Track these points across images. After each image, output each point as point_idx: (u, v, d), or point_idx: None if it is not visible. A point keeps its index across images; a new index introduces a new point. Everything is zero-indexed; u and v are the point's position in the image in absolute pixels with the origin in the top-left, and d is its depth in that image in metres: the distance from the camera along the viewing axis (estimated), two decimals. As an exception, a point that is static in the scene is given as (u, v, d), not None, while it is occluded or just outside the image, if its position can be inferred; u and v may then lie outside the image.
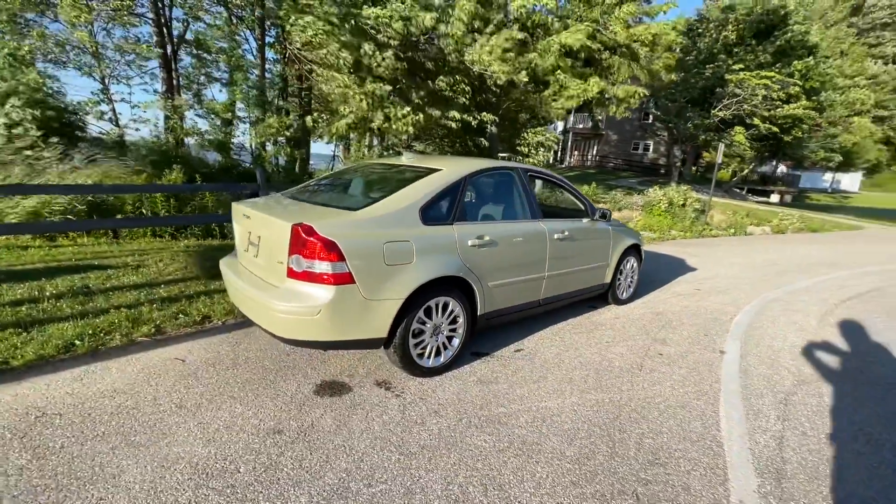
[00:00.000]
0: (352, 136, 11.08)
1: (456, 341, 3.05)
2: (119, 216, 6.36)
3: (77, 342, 3.02)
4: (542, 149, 14.20)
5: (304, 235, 2.41)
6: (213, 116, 12.47)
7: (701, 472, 2.18)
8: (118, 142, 9.99)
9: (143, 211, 6.68)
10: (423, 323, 2.82)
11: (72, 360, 2.86)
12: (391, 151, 13.77)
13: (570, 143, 36.13)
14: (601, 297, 4.63)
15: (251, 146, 12.02)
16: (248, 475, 1.97)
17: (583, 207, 4.21)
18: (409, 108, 10.89)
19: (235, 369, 2.90)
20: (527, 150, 14.00)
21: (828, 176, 43.29)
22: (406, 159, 3.51)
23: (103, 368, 2.80)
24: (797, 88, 22.08)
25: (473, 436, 2.36)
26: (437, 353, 2.96)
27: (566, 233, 3.75)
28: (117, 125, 11.01)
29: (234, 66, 11.54)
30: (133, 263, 4.90)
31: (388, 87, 10.70)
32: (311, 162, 13.73)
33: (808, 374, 3.39)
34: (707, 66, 22.63)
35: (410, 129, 10.78)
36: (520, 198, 3.53)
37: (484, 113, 12.54)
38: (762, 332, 4.25)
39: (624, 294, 4.78)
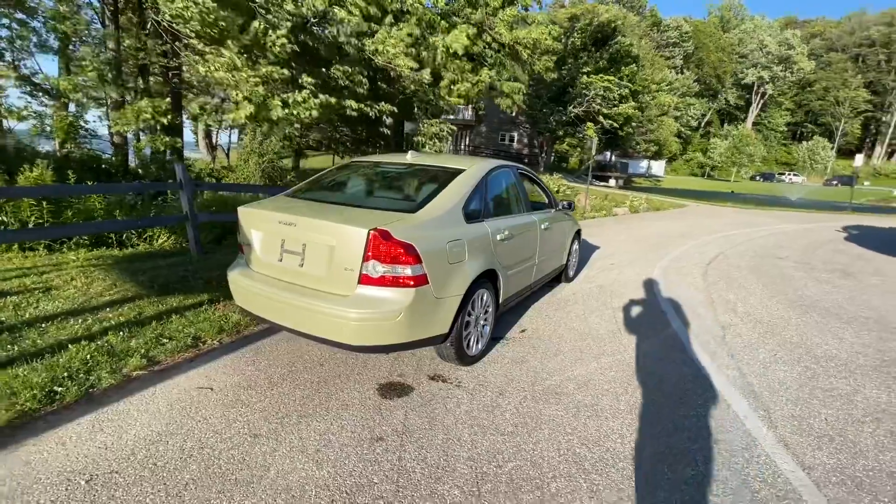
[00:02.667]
0: (247, 124, 9.97)
1: (487, 329, 3.29)
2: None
3: (58, 389, 2.45)
4: (437, 140, 14.68)
5: (382, 240, 2.39)
6: (41, 96, 10.02)
7: (707, 397, 2.86)
8: None
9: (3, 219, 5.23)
10: (469, 314, 3.01)
11: (67, 411, 2.33)
12: (291, 142, 12.78)
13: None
14: (557, 277, 5.28)
15: (110, 134, 9.97)
16: (387, 484, 1.99)
17: (548, 200, 4.76)
18: (307, 92, 10.28)
19: (280, 388, 2.70)
20: (423, 140, 14.35)
21: (644, 163, 53.16)
22: (412, 157, 3.55)
23: (120, 412, 2.36)
24: (627, 91, 26.64)
25: (546, 408, 2.67)
26: (476, 342, 3.17)
27: (547, 223, 4.24)
28: None
29: (64, 33, 9.28)
30: (33, 286, 3.92)
31: (287, 72, 9.93)
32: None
33: (706, 301, 4.49)
34: (562, 67, 25.75)
35: (314, 112, 10.19)
36: (518, 193, 3.88)
37: (383, 103, 12.48)
38: (675, 289, 5.37)
39: (572, 273, 5.53)
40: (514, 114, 33.84)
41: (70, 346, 2.88)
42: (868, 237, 11.01)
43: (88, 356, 2.77)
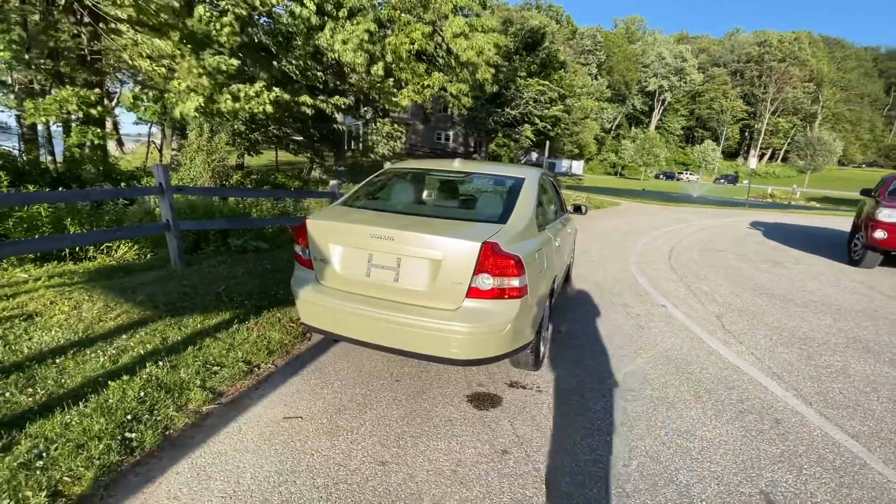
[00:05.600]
0: (195, 118, 8.97)
1: (548, 333, 3.39)
2: None
3: (130, 435, 2.12)
4: (389, 139, 14.47)
5: (493, 253, 2.38)
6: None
7: (745, 383, 3.22)
8: None
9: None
10: (542, 320, 3.08)
11: (154, 460, 2.04)
12: (242, 139, 11.77)
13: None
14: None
15: (21, 125, 8.48)
16: (540, 497, 2.01)
17: (562, 203, 4.96)
18: (260, 85, 9.58)
19: (373, 409, 2.57)
20: (377, 139, 14.07)
21: (566, 163, 56.75)
22: (460, 164, 3.52)
23: (218, 454, 2.10)
24: (556, 94, 28.24)
25: (629, 405, 2.84)
26: (543, 346, 3.25)
27: (569, 227, 4.44)
28: None
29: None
30: (8, 314, 3.29)
31: (236, 62, 9.15)
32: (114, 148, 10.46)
33: (688, 293, 5.03)
34: (499, 71, 26.57)
35: (268, 107, 9.51)
36: (554, 198, 4.02)
37: (336, 97, 12.01)
38: (659, 283, 5.89)
39: (572, 272, 5.83)
40: (456, 114, 34.36)
41: (109, 383, 2.48)
42: (775, 232, 12.85)
43: (142, 393, 2.42)
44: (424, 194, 3.32)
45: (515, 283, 2.44)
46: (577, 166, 58.30)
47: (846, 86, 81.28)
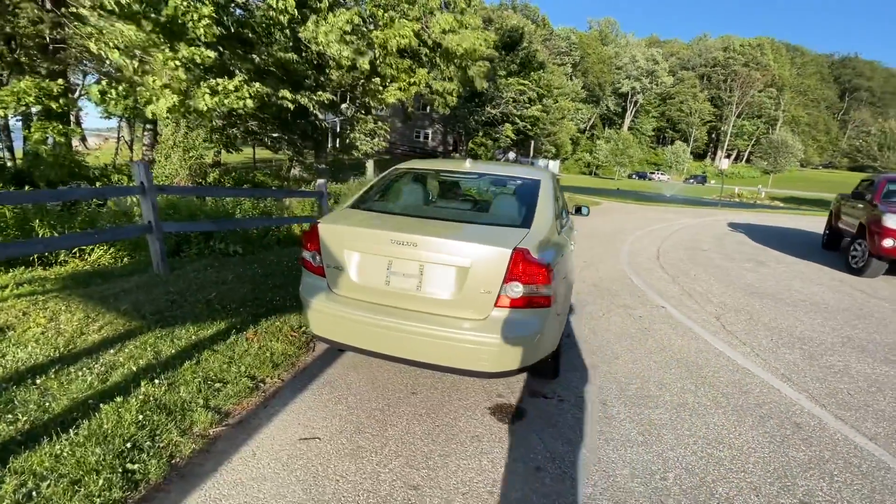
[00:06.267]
0: (162, 120, 8.48)
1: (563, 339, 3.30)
2: None
3: (132, 466, 1.90)
4: (372, 136, 14.19)
5: (524, 260, 2.26)
6: None
7: (758, 385, 3.22)
8: None
9: None
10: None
11: (163, 494, 1.83)
12: (220, 135, 11.25)
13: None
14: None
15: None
16: (585, 516, 1.91)
17: (564, 203, 4.90)
18: (240, 79, 9.17)
19: (393, 426, 2.42)
20: (360, 136, 13.77)
21: (542, 162, 57.43)
22: (471, 165, 3.40)
23: (234, 484, 1.91)
24: (535, 94, 28.45)
25: (652, 413, 2.78)
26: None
27: (573, 229, 4.37)
28: None
29: None
30: (-26, 328, 2.97)
31: (213, 54, 8.72)
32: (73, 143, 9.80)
33: (683, 293, 5.08)
34: (489, 67, 26.56)
35: (249, 102, 9.11)
36: (563, 200, 3.93)
37: (319, 93, 11.65)
38: (654, 284, 5.92)
39: (569, 273, 5.78)
40: (440, 112, 34.09)
41: (102, 406, 2.24)
42: (751, 231, 13.25)
43: (140, 417, 2.19)
44: (439, 196, 3.17)
45: (545, 291, 2.33)
46: (554, 166, 58.98)
47: (805, 91, 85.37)
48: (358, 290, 2.50)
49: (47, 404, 2.24)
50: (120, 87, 7.89)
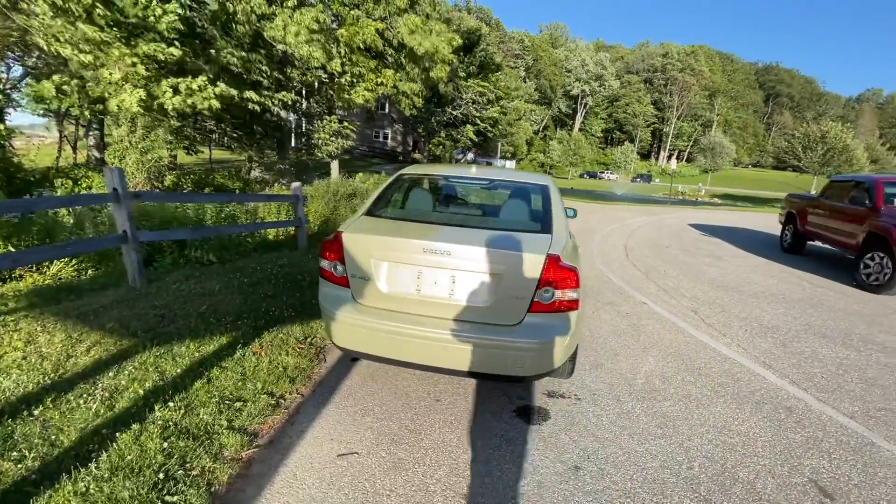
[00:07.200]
0: (124, 115, 7.81)
1: (569, 338, 3.41)
2: None
3: (171, 499, 1.78)
4: (338, 137, 13.90)
5: (556, 266, 2.32)
6: None
7: (745, 373, 3.49)
8: None
9: None
10: (576, 329, 3.08)
11: (210, 525, 1.72)
12: (180, 136, 10.54)
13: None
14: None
15: None
16: (631, 510, 1.99)
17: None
18: (204, 78, 8.68)
19: (428, 436, 2.41)
20: (325, 137, 13.44)
21: (499, 162, 58.45)
22: (478, 171, 3.42)
23: (284, 509, 1.83)
24: (494, 96, 28.92)
25: (662, 405, 2.93)
26: (573, 353, 3.26)
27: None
28: None
29: None
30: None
31: (176, 51, 8.21)
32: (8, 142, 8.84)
33: (659, 289, 5.40)
34: (453, 69, 26.62)
35: (214, 103, 8.65)
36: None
37: (284, 93, 11.25)
38: (630, 281, 6.23)
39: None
40: (407, 113, 33.73)
41: (118, 435, 2.07)
42: (704, 229, 14.17)
43: (164, 444, 2.05)
44: (452, 203, 3.17)
45: (573, 294, 2.41)
46: (510, 166, 60.34)
47: (735, 96, 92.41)
48: (386, 299, 2.46)
49: (53, 437, 2.05)
50: (73, 82, 7.20)
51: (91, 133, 11.49)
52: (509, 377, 2.38)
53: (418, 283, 2.41)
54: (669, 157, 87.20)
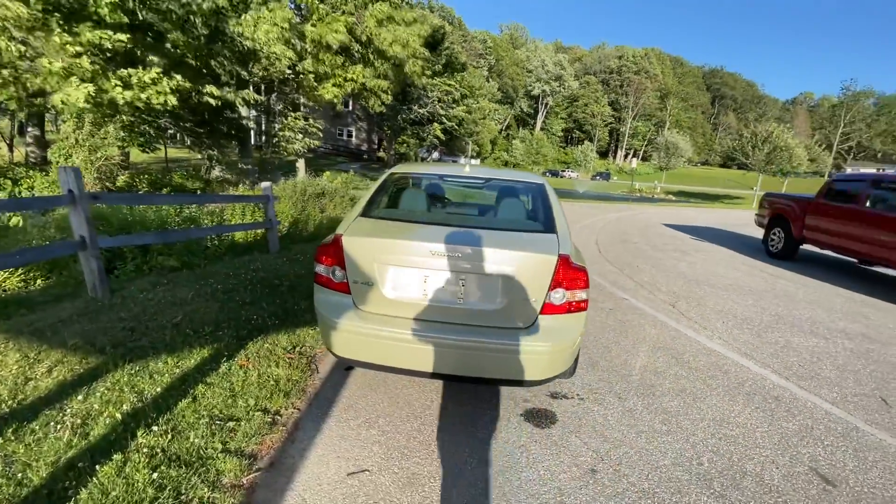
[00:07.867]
0: (70, 110, 7.12)
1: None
2: None
3: (169, 536, 1.59)
4: (304, 135, 13.45)
5: (567, 266, 2.27)
6: None
7: (729, 363, 3.60)
8: None
9: None
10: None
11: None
12: (130, 133, 9.77)
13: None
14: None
15: None
16: (653, 511, 1.98)
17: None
18: (157, 71, 8.12)
19: (438, 447, 2.30)
20: (290, 134, 12.96)
21: (464, 160, 58.74)
22: (472, 169, 3.34)
23: (297, 539, 1.68)
24: (459, 95, 28.95)
25: (663, 401, 2.97)
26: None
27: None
28: None
29: None
30: None
31: (124, 38, 7.61)
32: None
33: (636, 285, 5.55)
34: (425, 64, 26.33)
35: (170, 98, 8.09)
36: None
37: (246, 91, 10.74)
38: (607, 276, 6.35)
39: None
40: (350, 108, 32.99)
41: (97, 468, 1.85)
42: (666, 225, 14.79)
43: (154, 475, 1.84)
44: (451, 203, 3.07)
45: (583, 295, 2.37)
46: (475, 164, 60.67)
47: (685, 97, 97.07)
48: (392, 305, 2.33)
49: (20, 475, 1.80)
50: (5, 72, 6.51)
51: (28, 130, 10.49)
52: (521, 381, 2.31)
53: (425, 286, 2.30)
54: (626, 156, 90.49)
